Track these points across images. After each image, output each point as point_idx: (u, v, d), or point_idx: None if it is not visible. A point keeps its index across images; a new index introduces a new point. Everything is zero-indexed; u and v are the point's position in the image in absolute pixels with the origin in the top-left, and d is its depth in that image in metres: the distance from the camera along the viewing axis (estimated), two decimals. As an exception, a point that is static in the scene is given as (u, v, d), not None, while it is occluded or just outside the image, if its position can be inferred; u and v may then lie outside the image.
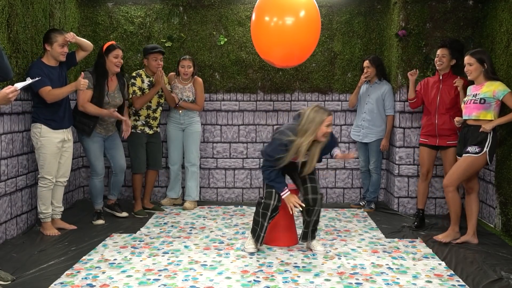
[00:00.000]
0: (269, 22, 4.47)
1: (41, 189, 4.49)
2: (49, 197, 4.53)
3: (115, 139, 5.06)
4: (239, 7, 5.90)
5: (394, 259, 3.97)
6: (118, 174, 5.14)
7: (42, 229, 4.55)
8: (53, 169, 4.49)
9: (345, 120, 6.00)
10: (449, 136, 4.80)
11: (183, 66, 5.42)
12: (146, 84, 5.28)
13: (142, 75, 5.32)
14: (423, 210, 4.99)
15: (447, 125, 4.78)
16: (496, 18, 4.90)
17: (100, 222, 4.95)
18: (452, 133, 4.78)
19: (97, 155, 4.91)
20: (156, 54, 5.25)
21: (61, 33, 4.48)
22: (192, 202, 5.65)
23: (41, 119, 4.42)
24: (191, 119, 5.58)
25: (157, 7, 5.92)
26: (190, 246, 4.26)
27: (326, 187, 6.05)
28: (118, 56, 4.81)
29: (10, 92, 3.27)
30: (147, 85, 5.28)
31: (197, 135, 5.59)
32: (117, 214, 5.22)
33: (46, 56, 4.46)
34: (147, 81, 5.30)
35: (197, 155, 5.64)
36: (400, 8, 5.40)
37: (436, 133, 4.83)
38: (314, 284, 3.41)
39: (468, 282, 3.47)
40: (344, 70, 5.93)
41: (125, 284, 3.39)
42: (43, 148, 4.43)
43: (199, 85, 5.56)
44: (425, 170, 4.96)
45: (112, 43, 4.87)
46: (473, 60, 4.22)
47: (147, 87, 5.28)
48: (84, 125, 4.79)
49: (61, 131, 4.52)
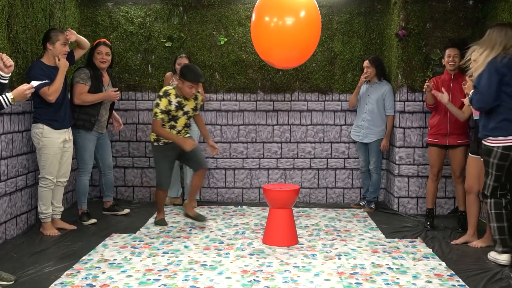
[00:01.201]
0: (269, 22, 4.46)
1: (41, 189, 4.49)
2: (49, 197, 4.53)
3: (106, 138, 5.16)
4: (239, 7, 5.90)
5: (394, 259, 3.97)
6: (107, 174, 5.20)
7: (42, 229, 4.55)
8: (54, 169, 4.50)
9: (345, 120, 5.99)
10: (460, 135, 4.78)
11: (180, 64, 5.37)
12: (173, 105, 4.72)
13: (171, 95, 4.72)
14: (433, 209, 4.99)
15: (459, 124, 4.76)
16: (496, 18, 4.90)
17: (92, 221, 4.92)
18: (463, 132, 4.77)
19: (92, 154, 4.98)
20: (195, 83, 4.70)
21: (62, 32, 4.52)
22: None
23: (43, 119, 4.44)
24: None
25: (157, 7, 5.92)
26: (190, 246, 4.26)
27: (326, 187, 6.05)
28: (101, 53, 4.89)
29: (27, 89, 3.45)
30: (175, 107, 4.73)
31: (196, 134, 5.52)
32: (119, 213, 5.23)
33: (46, 56, 4.46)
34: (176, 101, 4.73)
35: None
36: (400, 8, 5.40)
37: (448, 131, 4.80)
38: (314, 284, 3.41)
39: (468, 282, 3.47)
40: (344, 70, 5.93)
41: (125, 284, 3.39)
42: (45, 148, 4.43)
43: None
44: (436, 171, 4.92)
45: (100, 40, 5.01)
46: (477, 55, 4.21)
47: (174, 109, 4.73)
48: (85, 121, 4.84)
49: (62, 131, 4.54)
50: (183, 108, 4.78)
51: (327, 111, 5.99)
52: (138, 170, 6.08)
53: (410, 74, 5.42)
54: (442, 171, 4.98)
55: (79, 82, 4.80)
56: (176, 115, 4.77)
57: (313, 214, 5.41)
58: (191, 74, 4.64)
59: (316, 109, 5.99)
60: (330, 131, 6.00)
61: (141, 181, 6.09)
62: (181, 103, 4.76)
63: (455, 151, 4.83)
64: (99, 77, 4.90)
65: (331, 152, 6.02)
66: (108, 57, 4.93)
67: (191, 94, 4.72)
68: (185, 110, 4.80)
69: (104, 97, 4.86)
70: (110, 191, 5.28)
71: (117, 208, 5.27)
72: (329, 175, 6.04)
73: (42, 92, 4.32)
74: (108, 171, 5.21)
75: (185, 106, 4.79)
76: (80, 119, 4.83)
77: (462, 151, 4.76)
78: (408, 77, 5.42)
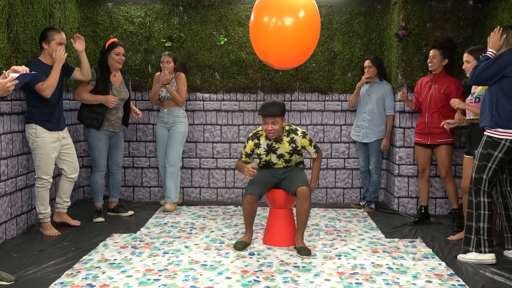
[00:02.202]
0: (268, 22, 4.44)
1: (38, 189, 4.48)
2: (46, 197, 4.52)
3: (120, 138, 5.19)
4: (239, 7, 5.90)
5: (394, 259, 3.97)
6: (115, 173, 5.23)
7: (42, 229, 4.55)
8: (49, 169, 4.49)
9: (345, 120, 6.00)
10: (440, 135, 4.85)
11: (163, 62, 5.40)
12: (263, 148, 4.27)
13: (261, 137, 4.29)
14: (426, 206, 5.05)
15: (436, 124, 4.82)
16: (496, 18, 4.90)
17: (100, 219, 4.99)
18: (442, 131, 4.81)
19: (102, 152, 5.01)
20: (264, 117, 4.16)
21: (58, 31, 4.49)
22: (172, 204, 5.49)
23: (36, 119, 4.42)
24: (176, 118, 5.47)
25: (157, 7, 5.92)
26: (190, 246, 4.26)
27: (326, 187, 6.05)
28: (119, 54, 4.96)
29: (7, 82, 3.17)
30: (265, 150, 4.27)
31: (179, 136, 5.46)
32: (123, 215, 5.25)
33: (43, 55, 4.46)
34: (265, 144, 4.27)
35: (177, 156, 5.46)
36: (400, 8, 5.40)
37: (427, 131, 4.90)
38: (314, 284, 3.41)
39: (468, 282, 3.47)
40: (344, 70, 5.93)
41: (125, 284, 3.39)
42: (39, 148, 4.42)
43: (181, 79, 5.47)
44: (421, 168, 5.05)
45: (114, 41, 5.00)
46: (471, 57, 4.23)
47: (264, 152, 4.27)
48: (92, 120, 4.91)
49: (56, 132, 4.52)
50: (275, 151, 4.28)
51: (327, 111, 5.99)
52: (138, 170, 6.08)
53: (410, 74, 5.42)
54: (429, 170, 5.05)
55: (82, 81, 4.86)
56: (269, 160, 4.30)
57: (313, 214, 5.41)
58: (261, 107, 4.16)
59: (316, 109, 5.99)
60: (330, 131, 6.00)
61: (141, 181, 6.09)
62: (271, 146, 4.28)
63: (437, 150, 4.91)
64: (106, 79, 4.93)
65: (331, 152, 6.02)
66: (123, 57, 5.02)
67: (268, 131, 4.13)
68: (279, 153, 4.27)
69: (101, 100, 4.87)
70: (116, 191, 5.31)
71: (121, 209, 5.28)
72: (329, 175, 6.04)
73: (37, 88, 4.30)
74: (116, 171, 5.24)
75: (278, 149, 4.26)
76: (88, 117, 4.92)
77: (444, 150, 4.84)
78: (408, 77, 5.42)
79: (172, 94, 5.39)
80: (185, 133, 5.54)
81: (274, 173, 4.35)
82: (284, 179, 4.29)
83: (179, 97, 5.43)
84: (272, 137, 4.18)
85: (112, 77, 5.00)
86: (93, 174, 5.08)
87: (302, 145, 4.26)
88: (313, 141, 4.32)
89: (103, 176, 5.10)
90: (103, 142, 5.00)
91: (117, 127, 5.08)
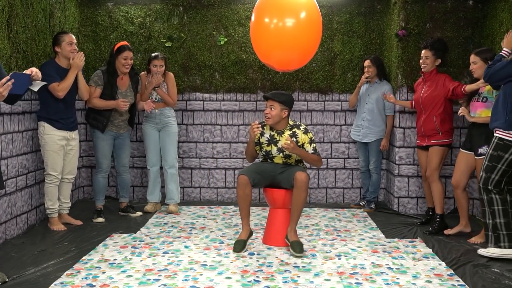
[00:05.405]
0: (269, 23, 4.41)
1: (47, 185, 4.63)
2: (55, 193, 4.66)
3: (125, 139, 5.20)
4: (239, 7, 5.90)
5: (394, 259, 3.97)
6: (123, 174, 5.26)
7: (50, 224, 4.69)
8: (57, 165, 4.61)
9: (345, 120, 6.00)
10: (432, 136, 4.84)
11: (155, 65, 5.26)
12: (265, 138, 4.32)
13: (265, 128, 4.35)
14: (433, 208, 4.99)
15: (430, 125, 4.82)
16: (496, 18, 4.91)
17: (100, 220, 5.01)
18: (435, 132, 4.81)
19: (105, 153, 5.05)
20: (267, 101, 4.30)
21: (66, 33, 4.66)
22: (175, 205, 5.46)
23: (45, 117, 4.57)
24: (167, 118, 5.39)
25: (157, 7, 5.92)
26: (190, 246, 4.26)
27: (326, 187, 6.05)
28: (127, 58, 4.98)
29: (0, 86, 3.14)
30: (267, 140, 4.31)
31: (174, 136, 5.42)
32: (132, 215, 5.26)
33: (58, 58, 4.62)
34: (268, 134, 4.31)
35: (175, 157, 5.44)
36: (400, 8, 5.40)
37: (423, 133, 4.90)
38: (314, 284, 3.41)
39: (468, 282, 3.47)
40: (344, 70, 5.93)
41: (125, 284, 3.39)
42: (46, 145, 4.57)
43: (170, 80, 5.38)
44: (423, 171, 5.05)
45: (123, 44, 5.03)
46: (477, 58, 4.26)
47: (266, 142, 4.31)
48: (98, 122, 4.96)
49: (65, 132, 4.64)
50: (276, 143, 4.27)
51: (327, 111, 5.99)
52: (138, 170, 6.09)
53: (410, 74, 5.42)
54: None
55: (91, 85, 4.92)
56: (269, 151, 4.31)
57: (313, 214, 5.41)
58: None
59: (316, 109, 5.99)
60: (330, 131, 6.01)
61: (141, 181, 6.09)
62: (273, 137, 4.29)
63: (430, 150, 4.88)
64: (113, 83, 4.95)
65: (331, 152, 6.02)
66: (131, 61, 5.02)
67: (265, 114, 4.22)
68: (279, 146, 4.25)
69: (113, 105, 4.92)
70: (125, 192, 5.31)
71: (130, 210, 5.30)
72: (329, 175, 6.04)
73: (52, 87, 4.44)
74: (123, 171, 5.25)
75: (279, 142, 4.25)
76: (94, 119, 4.99)
77: (435, 150, 4.81)
78: (408, 77, 5.42)
79: (163, 97, 5.31)
80: (178, 132, 5.53)
81: (272, 166, 4.33)
82: (282, 173, 4.27)
83: (171, 100, 5.35)
84: (269, 123, 4.22)
85: (119, 80, 5.02)
86: (95, 174, 5.10)
87: (302, 141, 4.24)
88: (314, 143, 4.29)
89: (105, 177, 5.12)
90: (106, 142, 5.02)
91: (122, 128, 5.10)
